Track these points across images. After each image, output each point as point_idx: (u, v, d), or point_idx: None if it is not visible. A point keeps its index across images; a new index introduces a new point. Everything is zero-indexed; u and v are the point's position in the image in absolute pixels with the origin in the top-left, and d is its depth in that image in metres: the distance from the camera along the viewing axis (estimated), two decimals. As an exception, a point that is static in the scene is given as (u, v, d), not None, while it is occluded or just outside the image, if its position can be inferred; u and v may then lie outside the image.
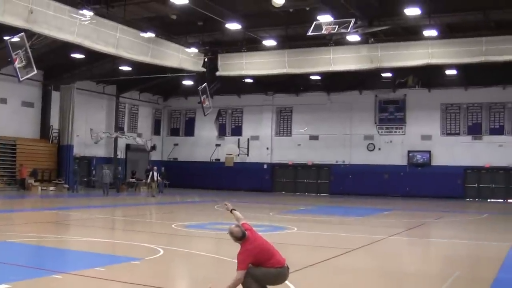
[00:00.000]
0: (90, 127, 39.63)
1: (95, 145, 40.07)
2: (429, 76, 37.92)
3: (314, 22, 25.52)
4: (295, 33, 30.37)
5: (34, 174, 34.86)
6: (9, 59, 25.21)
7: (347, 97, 42.12)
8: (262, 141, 44.87)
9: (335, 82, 39.89)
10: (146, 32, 28.98)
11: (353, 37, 29.01)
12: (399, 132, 40.95)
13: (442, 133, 39.93)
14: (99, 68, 36.49)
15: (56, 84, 37.54)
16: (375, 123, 41.67)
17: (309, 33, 25.73)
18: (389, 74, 37.76)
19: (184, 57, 33.19)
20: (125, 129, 44.70)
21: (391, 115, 41.29)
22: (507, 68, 31.34)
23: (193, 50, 33.11)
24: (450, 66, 33.25)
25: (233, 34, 30.87)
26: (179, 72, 35.54)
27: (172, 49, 32.10)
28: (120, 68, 36.35)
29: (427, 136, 40.01)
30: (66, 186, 35.77)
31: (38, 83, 36.24)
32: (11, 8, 22.68)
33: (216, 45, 34.16)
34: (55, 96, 37.62)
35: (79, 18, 25.24)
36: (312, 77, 38.51)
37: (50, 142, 37.54)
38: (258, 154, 44.60)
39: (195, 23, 30.25)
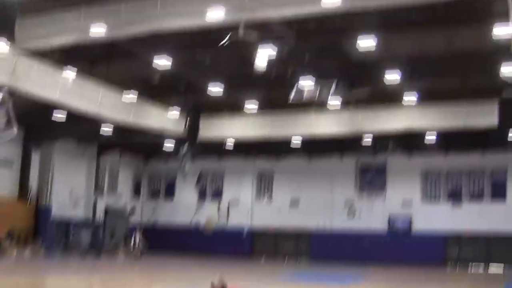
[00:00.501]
0: (70, 188, 39.29)
1: (74, 206, 39.63)
2: (409, 141, 38.19)
3: (296, 86, 25.79)
4: (276, 96, 30.59)
5: (10, 236, 34.20)
6: (-11, 117, 25.11)
7: (328, 161, 42.24)
8: (242, 205, 44.61)
9: (316, 146, 40.04)
10: (128, 93, 29.12)
11: (334, 101, 29.27)
12: (379, 197, 40.96)
13: (423, 199, 39.99)
14: (80, 128, 36.35)
15: (37, 144, 37.31)
16: (356, 188, 41.72)
17: (291, 97, 25.97)
18: (369, 139, 38.00)
19: (166, 119, 33.30)
20: (105, 190, 44.36)
21: (372, 180, 41.39)
22: (487, 133, 31.63)
23: (175, 112, 33.25)
24: (430, 131, 33.55)
25: (215, 97, 31.04)
26: (160, 134, 35.54)
27: (153, 110, 32.23)
28: (102, 129, 36.28)
29: (407, 201, 40.00)
30: (43, 248, 35.13)
31: (18, 141, 36.00)
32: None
33: (198, 108, 34.29)
34: (35, 156, 37.36)
35: (62, 78, 25.38)
36: (293, 141, 38.67)
37: (29, 203, 37.03)
38: (238, 218, 44.28)
39: (177, 85, 30.41)
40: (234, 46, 22.71)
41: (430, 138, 35.80)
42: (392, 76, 25.76)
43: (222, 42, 20.00)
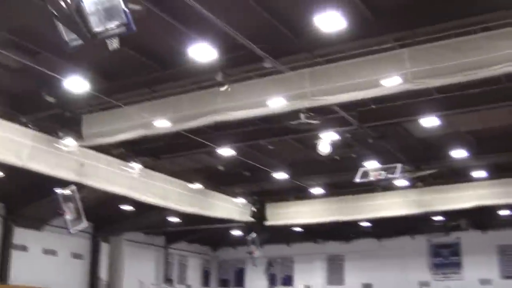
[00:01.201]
0: (139, 278, 39.36)
1: (144, 298, 39.61)
2: (482, 218, 36.95)
3: (361, 169, 25.55)
4: (342, 180, 30.30)
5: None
6: (59, 212, 25.63)
7: (398, 242, 41.20)
8: (314, 291, 43.62)
9: (385, 227, 39.19)
10: (194, 183, 29.38)
11: (401, 182, 28.80)
12: (455, 277, 39.46)
13: (502, 276, 38.28)
14: (148, 219, 36.70)
15: (106, 236, 37.78)
16: (430, 268, 40.42)
17: (356, 180, 25.68)
18: (440, 218, 36.99)
19: (232, 208, 33.33)
20: (175, 280, 44.25)
21: (446, 259, 40.03)
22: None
23: (241, 200, 33.29)
24: (502, 206, 32.45)
25: (280, 183, 30.96)
26: (228, 223, 35.54)
27: (220, 199, 32.32)
28: (169, 219, 36.53)
29: (486, 280, 38.33)
30: None
31: (88, 234, 36.47)
32: (64, 162, 23.32)
33: (264, 195, 34.26)
34: (105, 248, 37.76)
35: (128, 171, 25.85)
36: (362, 224, 37.99)
37: (99, 295, 37.24)
38: (310, 305, 43.26)
39: (242, 173, 30.50)
40: (296, 133, 22.86)
41: (504, 213, 34.59)
42: (459, 153, 25.22)
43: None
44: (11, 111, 21.77)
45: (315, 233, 41.70)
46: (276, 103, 18.13)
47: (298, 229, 39.66)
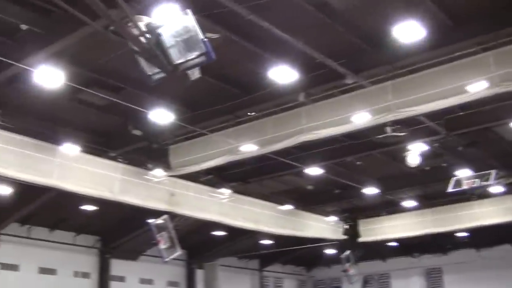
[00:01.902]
0: (236, 303, 39.51)
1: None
2: None
3: (453, 178, 24.92)
4: (434, 191, 29.58)
5: None
6: (153, 242, 26.08)
7: (499, 252, 39.71)
8: (413, 305, 42.55)
9: (484, 237, 37.87)
10: (284, 205, 29.33)
11: (496, 189, 27.85)
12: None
13: None
14: (241, 244, 36.79)
15: (200, 263, 38.09)
16: (536, 277, 38.80)
17: (449, 190, 25.05)
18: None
19: (324, 226, 33.11)
20: (272, 303, 44.20)
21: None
22: None
23: (333, 218, 33.02)
24: None
25: (371, 199, 30.48)
26: (320, 242, 35.26)
27: (311, 219, 32.14)
28: (261, 242, 36.53)
29: None
30: None
31: (182, 262, 36.82)
32: (154, 193, 23.75)
33: (355, 211, 33.84)
34: (200, 274, 38.06)
35: (218, 197, 26.06)
36: (459, 234, 36.91)
37: (197, 322, 37.51)
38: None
39: (331, 191, 30.26)
40: (383, 146, 22.50)
41: None
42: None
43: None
44: (100, 147, 22.34)
45: (411, 247, 40.74)
46: (361, 119, 17.88)
47: (393, 243, 38.87)
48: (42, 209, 26.97)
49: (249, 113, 19.79)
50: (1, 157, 19.02)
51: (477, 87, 15.91)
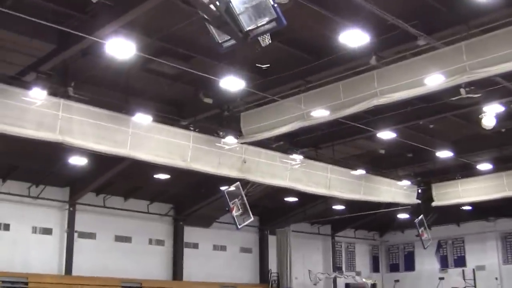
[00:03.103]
0: (308, 268, 39.61)
1: (315, 286, 39.73)
2: None
3: (530, 140, 24.23)
4: (510, 154, 28.80)
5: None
6: (226, 209, 26.33)
7: None
8: (489, 271, 41.78)
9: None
10: (356, 169, 29.10)
11: None
12: None
13: None
14: (313, 209, 36.86)
15: (272, 229, 38.39)
16: None
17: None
18: None
19: (397, 191, 32.72)
20: (343, 268, 44.17)
21: None
22: None
23: (405, 182, 32.57)
24: None
25: (445, 162, 29.90)
26: (393, 206, 34.93)
27: (383, 184, 31.79)
28: (334, 207, 36.44)
29: None
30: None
31: (254, 228, 37.20)
32: (226, 160, 23.87)
33: (429, 175, 33.28)
34: (272, 240, 38.36)
35: (289, 163, 26.02)
36: (537, 197, 35.99)
37: (270, 286, 37.82)
38: (487, 286, 41.44)
39: (404, 155, 29.86)
40: (457, 109, 21.98)
41: None
42: None
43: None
44: (172, 116, 22.55)
45: (486, 210, 39.88)
46: (434, 81, 17.43)
47: (467, 207, 38.14)
48: (116, 179, 27.65)
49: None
50: (77, 129, 19.40)
51: (556, 44, 15.29)
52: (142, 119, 20.77)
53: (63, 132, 19.01)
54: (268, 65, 10.82)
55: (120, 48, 15.52)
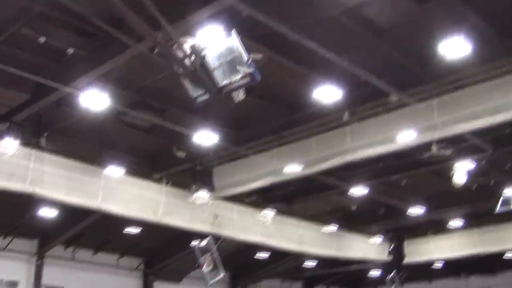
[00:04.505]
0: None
1: None
2: None
3: (501, 197, 24.39)
4: (481, 210, 28.91)
5: None
6: (197, 264, 26.00)
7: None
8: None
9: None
10: (328, 225, 29.06)
11: (547, 208, 27.18)
12: None
13: None
14: (285, 265, 36.54)
15: (243, 284, 37.92)
16: None
17: (497, 210, 24.53)
18: None
19: (369, 247, 32.66)
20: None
21: None
22: None
23: (377, 239, 32.56)
24: None
25: (417, 218, 29.92)
26: (366, 263, 34.81)
27: (355, 240, 31.75)
28: (305, 263, 36.22)
29: None
30: None
31: (226, 284, 36.73)
32: (198, 215, 23.76)
33: (401, 231, 33.30)
34: (243, 296, 37.93)
35: (262, 218, 25.92)
36: (508, 254, 36.05)
37: None
38: None
39: (376, 211, 29.85)
40: (429, 165, 22.15)
41: None
42: None
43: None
44: (144, 169, 22.44)
45: (458, 267, 39.87)
46: (406, 137, 17.65)
47: (439, 264, 38.13)
48: (86, 231, 27.24)
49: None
50: (48, 180, 19.24)
51: (527, 103, 15.57)
52: (115, 171, 20.68)
53: (34, 183, 18.83)
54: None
55: (94, 99, 15.54)
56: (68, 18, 13.77)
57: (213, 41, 9.53)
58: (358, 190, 24.66)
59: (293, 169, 19.95)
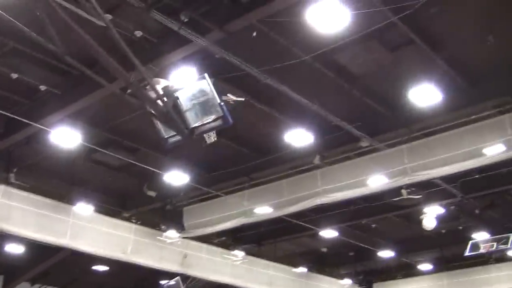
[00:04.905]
0: None
1: None
2: None
3: (470, 242, 24.56)
4: (451, 254, 29.12)
5: None
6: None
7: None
8: None
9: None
10: (298, 267, 28.97)
11: (514, 253, 27.41)
12: None
13: None
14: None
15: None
16: None
17: (466, 254, 24.66)
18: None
19: (339, 289, 32.60)
20: None
21: None
22: None
23: (347, 281, 32.43)
24: None
25: (386, 262, 30.07)
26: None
27: (325, 282, 31.56)
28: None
29: None
30: None
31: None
32: (167, 254, 23.58)
33: (370, 274, 33.29)
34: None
35: (231, 259, 25.79)
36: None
37: None
38: None
39: (346, 254, 29.89)
40: (399, 209, 22.27)
41: None
42: None
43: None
44: (114, 207, 22.31)
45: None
46: (376, 182, 17.75)
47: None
48: (53, 269, 26.77)
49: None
50: (16, 216, 18.99)
51: (494, 150, 15.75)
52: (84, 209, 20.50)
53: (1, 219, 18.57)
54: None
55: (65, 137, 15.48)
56: (41, 55, 13.80)
57: (186, 83, 9.54)
58: (329, 233, 24.70)
59: (263, 210, 19.93)
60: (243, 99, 10.83)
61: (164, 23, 11.71)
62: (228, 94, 9.38)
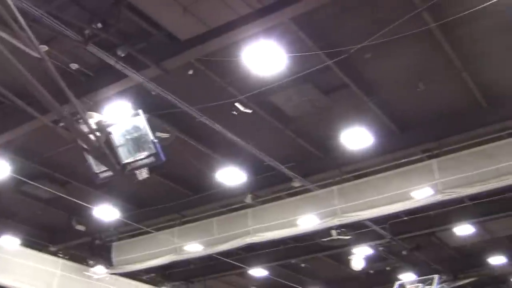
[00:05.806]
0: None
1: None
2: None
3: (397, 282, 24.90)
4: (378, 296, 29.47)
5: None
6: None
7: None
8: None
9: None
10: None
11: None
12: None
13: None
14: None
15: None
16: None
17: (394, 294, 25.00)
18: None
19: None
20: None
21: None
22: None
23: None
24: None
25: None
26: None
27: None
28: None
29: None
30: None
31: None
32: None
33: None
34: None
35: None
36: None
37: None
38: None
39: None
40: (329, 249, 22.45)
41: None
42: (498, 260, 24.48)
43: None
44: (42, 241, 21.84)
45: None
46: (307, 222, 17.92)
47: None
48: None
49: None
50: None
51: (422, 194, 16.15)
52: (9, 242, 19.99)
53: None
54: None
55: (-7, 167, 15.14)
56: (-29, 85, 13.51)
57: (120, 118, 9.46)
58: (258, 272, 24.70)
59: (193, 248, 19.85)
60: (172, 136, 10.86)
61: (101, 57, 11.67)
62: (161, 133, 9.37)
